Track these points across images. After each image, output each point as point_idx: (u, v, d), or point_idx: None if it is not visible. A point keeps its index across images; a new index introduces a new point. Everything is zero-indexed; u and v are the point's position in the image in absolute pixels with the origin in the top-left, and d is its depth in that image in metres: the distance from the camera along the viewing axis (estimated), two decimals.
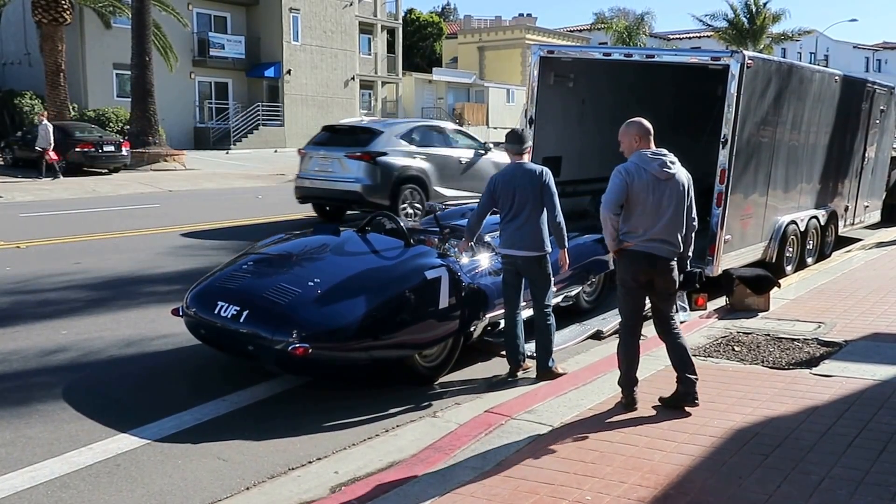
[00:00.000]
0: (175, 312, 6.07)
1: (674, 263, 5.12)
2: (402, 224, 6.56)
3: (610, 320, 7.39)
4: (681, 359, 5.16)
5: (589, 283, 7.81)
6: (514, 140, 5.95)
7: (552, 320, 5.99)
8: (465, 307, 5.92)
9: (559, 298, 7.22)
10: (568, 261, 6.03)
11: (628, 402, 5.16)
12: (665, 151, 5.08)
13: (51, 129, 22.14)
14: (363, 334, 5.35)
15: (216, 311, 5.50)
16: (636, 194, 4.93)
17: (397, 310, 5.58)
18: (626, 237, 5.01)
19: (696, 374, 5.12)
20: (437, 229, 7.19)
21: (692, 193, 5.16)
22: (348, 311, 5.34)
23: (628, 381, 5.18)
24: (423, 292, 5.68)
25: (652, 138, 5.12)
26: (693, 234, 5.26)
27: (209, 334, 5.75)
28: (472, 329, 6.14)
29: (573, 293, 7.54)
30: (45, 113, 24.25)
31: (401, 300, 5.62)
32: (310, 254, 6.34)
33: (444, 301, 5.73)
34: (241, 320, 5.34)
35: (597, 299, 8.02)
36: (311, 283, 5.56)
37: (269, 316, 5.31)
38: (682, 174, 5.09)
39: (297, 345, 5.01)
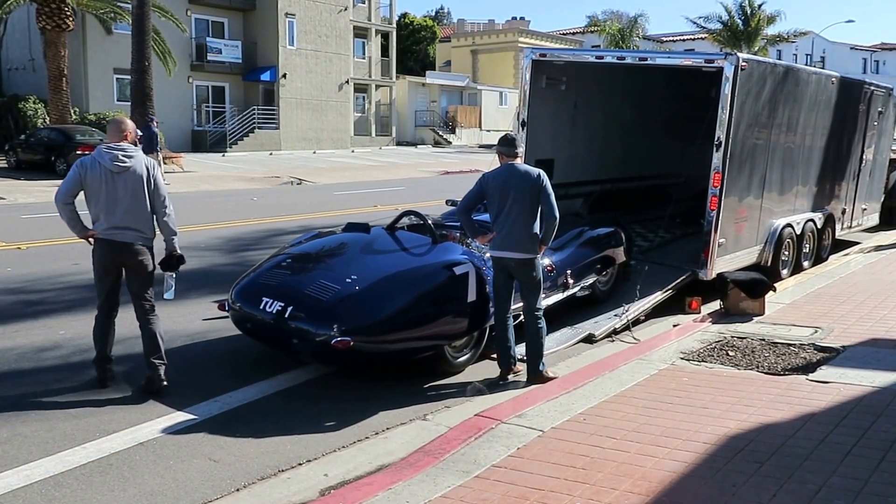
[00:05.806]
0: (221, 307, 6.30)
1: (144, 248, 5.47)
2: (429, 221, 6.72)
3: (602, 324, 7.37)
4: (149, 343, 5.48)
5: (604, 273, 8.15)
6: (508, 144, 6.07)
7: (543, 324, 5.99)
8: (489, 300, 6.12)
9: (576, 289, 7.50)
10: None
11: (100, 379, 5.58)
12: (124, 146, 5.40)
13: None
14: (399, 327, 5.64)
15: (261, 307, 5.77)
16: (90, 186, 5.34)
17: (430, 304, 5.88)
18: (94, 226, 5.42)
19: (163, 360, 5.48)
20: (459, 224, 7.29)
21: (155, 182, 5.47)
22: (385, 305, 5.63)
23: (101, 358, 5.58)
24: (453, 287, 5.99)
25: (124, 132, 5.45)
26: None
27: (254, 328, 5.99)
28: None
29: (588, 283, 7.77)
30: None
31: (433, 294, 5.92)
32: (344, 251, 6.60)
33: (471, 294, 5.99)
34: (286, 316, 5.59)
35: (611, 289, 8.28)
36: (349, 280, 5.83)
37: (312, 311, 5.59)
38: (140, 166, 5.39)
39: (340, 338, 5.27)
